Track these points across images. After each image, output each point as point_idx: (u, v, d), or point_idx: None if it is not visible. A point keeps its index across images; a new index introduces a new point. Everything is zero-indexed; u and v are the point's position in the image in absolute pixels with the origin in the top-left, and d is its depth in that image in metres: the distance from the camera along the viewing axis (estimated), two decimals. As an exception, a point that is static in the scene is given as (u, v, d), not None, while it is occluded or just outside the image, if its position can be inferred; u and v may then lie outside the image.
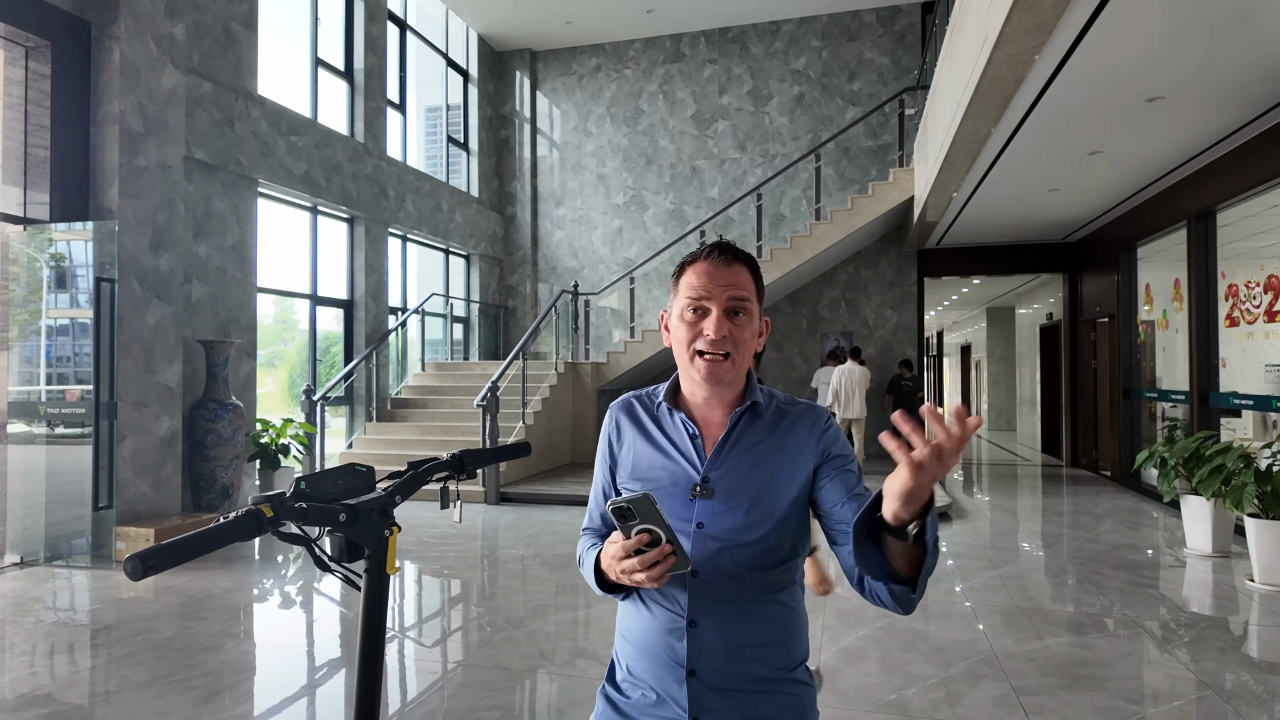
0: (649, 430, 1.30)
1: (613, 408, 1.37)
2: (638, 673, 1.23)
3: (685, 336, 1.22)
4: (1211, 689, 3.23)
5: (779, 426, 1.25)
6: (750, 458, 1.22)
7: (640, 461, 1.28)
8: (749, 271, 1.24)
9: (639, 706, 1.22)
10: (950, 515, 7.11)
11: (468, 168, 12.32)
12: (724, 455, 1.23)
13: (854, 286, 11.44)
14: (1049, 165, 6.78)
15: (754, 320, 1.23)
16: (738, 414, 1.24)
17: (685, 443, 1.26)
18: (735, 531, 1.19)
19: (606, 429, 1.36)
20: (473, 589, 4.92)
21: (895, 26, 11.28)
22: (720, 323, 1.19)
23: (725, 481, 1.21)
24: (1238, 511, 4.82)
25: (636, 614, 1.24)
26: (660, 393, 1.31)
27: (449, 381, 10.17)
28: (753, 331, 1.23)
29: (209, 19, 7.17)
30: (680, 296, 1.24)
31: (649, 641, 1.21)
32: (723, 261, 1.22)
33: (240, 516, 0.94)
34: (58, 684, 3.32)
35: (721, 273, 1.21)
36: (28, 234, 5.70)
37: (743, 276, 1.23)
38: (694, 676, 1.17)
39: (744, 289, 1.22)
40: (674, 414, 1.28)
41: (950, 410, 0.90)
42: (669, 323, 1.26)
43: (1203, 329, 6.94)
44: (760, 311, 1.26)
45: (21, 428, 5.71)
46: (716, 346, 1.19)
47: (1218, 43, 4.28)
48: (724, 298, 1.20)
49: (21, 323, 5.78)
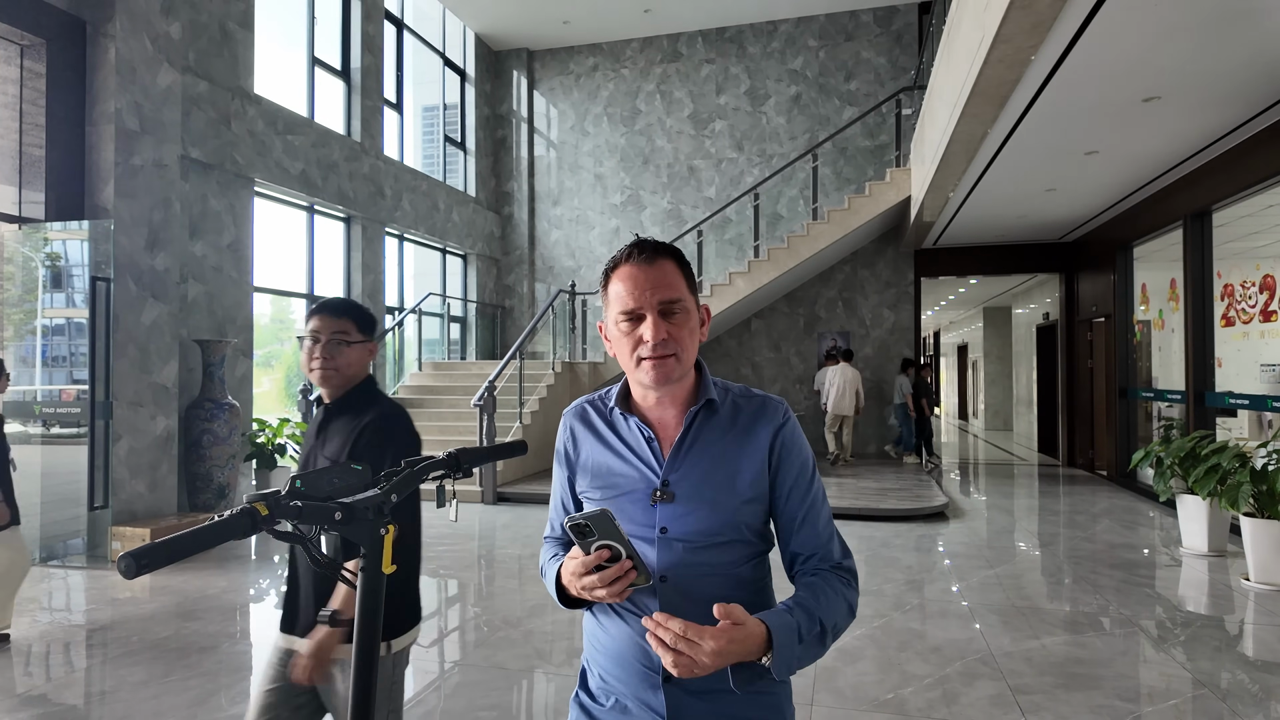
0: (604, 436, 1.27)
1: (566, 414, 1.33)
2: (611, 680, 1.21)
3: (627, 345, 1.18)
4: (1207, 688, 3.24)
5: (736, 422, 1.22)
6: (709, 457, 1.20)
7: (599, 469, 1.25)
8: (675, 264, 1.20)
9: (613, 713, 1.20)
10: (947, 515, 7.12)
11: (465, 167, 12.31)
12: (682, 456, 1.20)
13: (851, 286, 11.45)
14: (1045, 165, 6.79)
15: (691, 315, 1.19)
16: (693, 413, 1.21)
17: (642, 446, 1.23)
18: (700, 534, 1.17)
19: (562, 437, 1.33)
20: (469, 589, 4.91)
21: (892, 26, 11.29)
22: (658, 326, 1.15)
23: (685, 483, 1.18)
24: (1233, 511, 4.83)
25: (607, 622, 1.22)
26: (612, 397, 1.28)
27: (446, 381, 10.16)
28: (692, 326, 1.19)
29: (205, 18, 7.16)
30: (612, 306, 1.20)
31: (621, 649, 1.19)
32: (645, 260, 1.17)
33: (234, 515, 0.94)
34: (54, 684, 3.31)
35: (646, 274, 1.17)
36: (23, 233, 5.68)
37: (668, 273, 1.18)
38: (670, 683, 1.15)
39: (672, 289, 1.17)
40: (628, 418, 1.24)
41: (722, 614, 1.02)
42: (607, 332, 1.23)
43: (1198, 329, 6.96)
44: (697, 303, 1.22)
45: (17, 427, 5.69)
46: (659, 350, 1.16)
47: (1214, 43, 4.29)
48: (655, 301, 1.16)
49: (17, 322, 5.77)
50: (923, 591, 4.67)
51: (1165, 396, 7.87)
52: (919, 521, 6.83)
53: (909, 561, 5.43)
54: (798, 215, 11.55)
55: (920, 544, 6.00)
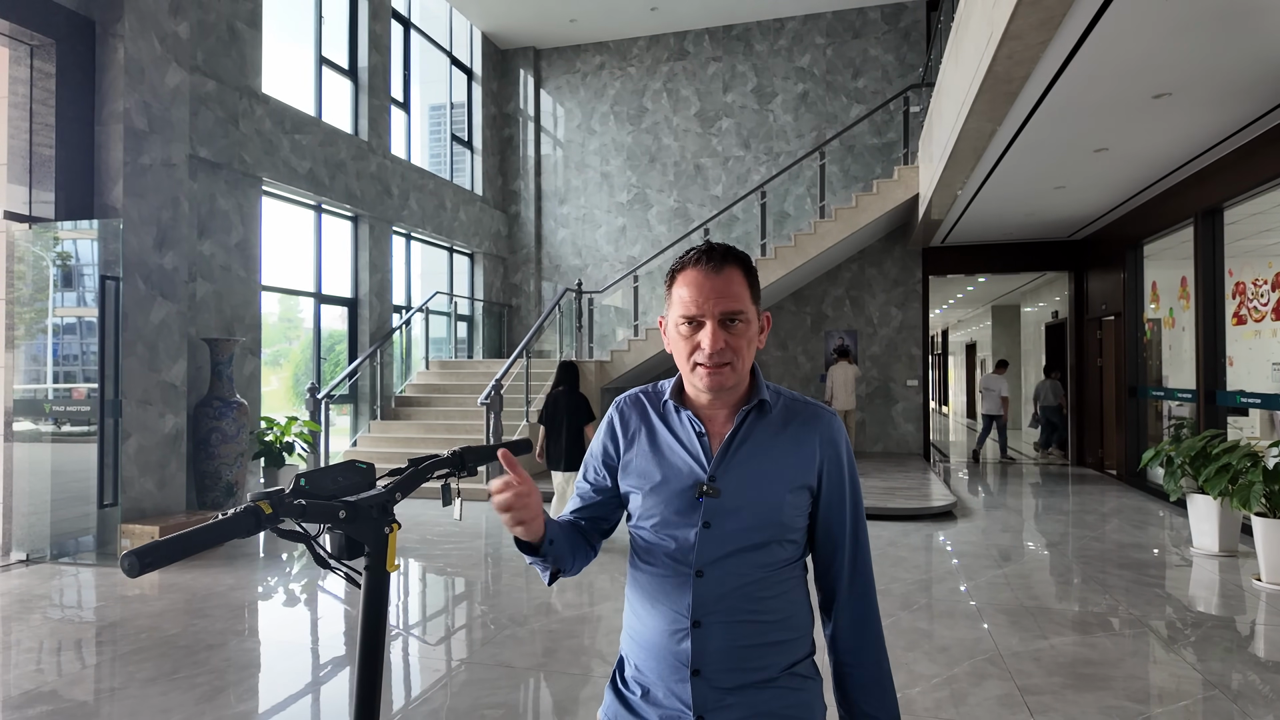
0: (656, 428, 1.28)
1: (618, 403, 1.34)
2: (644, 670, 1.22)
3: (684, 349, 1.20)
4: (1218, 689, 3.22)
5: (787, 427, 1.23)
6: (757, 457, 1.21)
7: (648, 459, 1.26)
8: (741, 272, 1.20)
9: (644, 703, 1.22)
10: (954, 514, 7.09)
11: (472, 166, 12.32)
12: (731, 454, 1.21)
13: (859, 284, 11.41)
14: (1054, 162, 6.75)
15: (751, 324, 1.20)
16: (744, 412, 1.22)
17: (692, 441, 1.23)
18: (741, 532, 1.18)
19: (612, 422, 1.33)
20: (476, 587, 4.92)
21: (900, 23, 11.24)
22: (716, 335, 1.16)
23: (732, 481, 1.19)
24: (1245, 510, 4.79)
25: (642, 613, 1.23)
26: (666, 390, 1.29)
27: (453, 380, 10.18)
28: (751, 336, 1.20)
29: (213, 17, 7.18)
30: (674, 308, 1.21)
31: (653, 641, 1.21)
32: (712, 268, 1.18)
33: (238, 513, 0.94)
34: (63, 681, 3.33)
35: (712, 281, 1.17)
36: (33, 232, 5.72)
37: (734, 282, 1.18)
38: (698, 676, 1.16)
39: (736, 299, 1.17)
40: (681, 412, 1.26)
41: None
42: (667, 331, 1.24)
43: (1209, 327, 6.90)
44: (759, 311, 1.23)
45: (28, 425, 5.72)
46: (716, 359, 1.17)
47: (1225, 38, 4.25)
48: (717, 311, 1.16)
49: (28, 321, 5.80)
50: (930, 591, 4.65)
51: (1176, 395, 7.82)
52: (926, 520, 6.81)
53: (916, 561, 5.41)
54: (805, 213, 11.51)
55: (927, 543, 5.97)
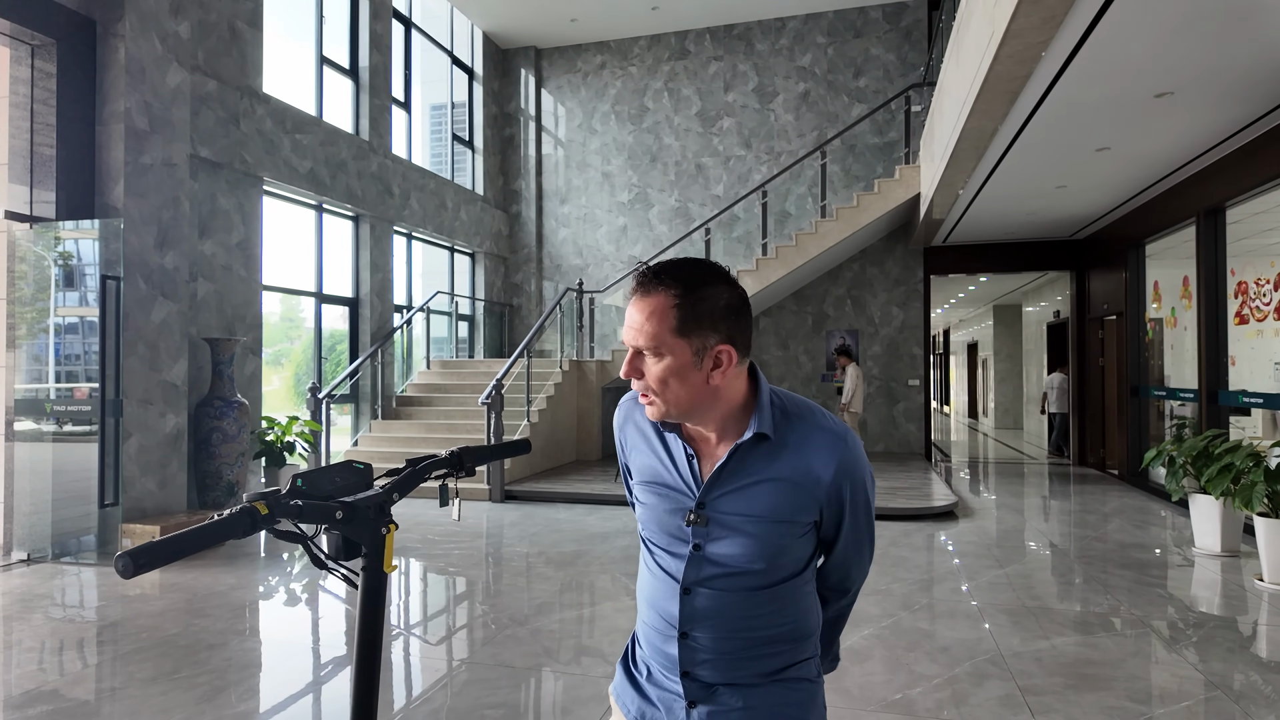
0: (650, 438, 1.24)
1: (623, 404, 1.32)
2: (648, 654, 1.24)
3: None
4: (1220, 689, 3.21)
5: (792, 457, 1.12)
6: (750, 488, 1.13)
7: (645, 469, 1.24)
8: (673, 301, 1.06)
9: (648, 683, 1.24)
10: (955, 514, 7.08)
11: (473, 166, 12.32)
12: (720, 485, 1.14)
13: (860, 284, 11.39)
14: (1056, 162, 6.74)
15: (669, 359, 1.07)
16: (736, 446, 1.13)
17: (682, 461, 1.18)
18: (732, 560, 1.13)
19: (618, 421, 1.32)
20: (477, 587, 4.92)
21: (901, 23, 11.23)
22: (626, 366, 1.11)
23: (721, 512, 1.13)
24: (1247, 510, 4.78)
25: (641, 605, 1.25)
26: None
27: (454, 379, 10.18)
28: (673, 370, 1.07)
29: (214, 17, 7.18)
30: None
31: (649, 635, 1.23)
32: (638, 295, 1.09)
33: (234, 514, 0.94)
34: (64, 680, 3.33)
35: (635, 309, 1.09)
36: (34, 232, 5.72)
37: (654, 314, 1.06)
38: (688, 676, 1.17)
39: (647, 333, 1.07)
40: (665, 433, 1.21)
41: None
42: None
43: (1212, 327, 6.89)
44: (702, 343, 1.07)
45: (29, 425, 5.73)
46: (640, 390, 1.12)
47: (1228, 36, 4.24)
48: (633, 341, 1.10)
49: (29, 321, 5.80)
50: (931, 591, 4.65)
51: (1178, 395, 7.80)
52: (928, 520, 6.80)
53: (917, 561, 5.40)
54: (806, 213, 11.50)
55: (929, 543, 5.96)
